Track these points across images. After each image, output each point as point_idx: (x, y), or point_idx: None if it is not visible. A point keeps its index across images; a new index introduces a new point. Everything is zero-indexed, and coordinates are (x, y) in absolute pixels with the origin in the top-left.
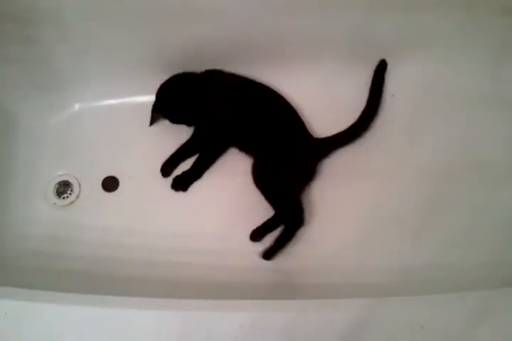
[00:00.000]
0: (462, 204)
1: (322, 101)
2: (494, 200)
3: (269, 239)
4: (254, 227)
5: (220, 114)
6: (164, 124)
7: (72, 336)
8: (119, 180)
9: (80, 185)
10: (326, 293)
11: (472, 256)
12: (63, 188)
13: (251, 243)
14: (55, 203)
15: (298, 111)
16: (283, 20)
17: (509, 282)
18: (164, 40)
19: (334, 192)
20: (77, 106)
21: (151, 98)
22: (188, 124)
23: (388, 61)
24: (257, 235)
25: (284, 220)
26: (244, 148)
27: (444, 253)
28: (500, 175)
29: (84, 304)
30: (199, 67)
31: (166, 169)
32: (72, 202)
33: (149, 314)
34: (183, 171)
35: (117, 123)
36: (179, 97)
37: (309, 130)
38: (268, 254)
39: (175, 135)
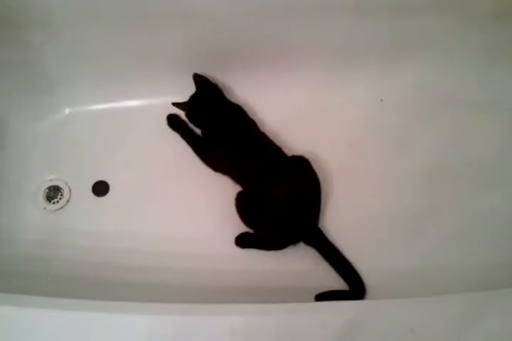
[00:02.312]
0: (455, 205)
1: (309, 107)
2: (487, 200)
3: None
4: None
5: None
6: (154, 129)
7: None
8: (110, 184)
9: (70, 190)
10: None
11: (466, 257)
12: (53, 193)
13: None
14: (45, 208)
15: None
16: (268, 27)
17: (503, 284)
18: (153, 45)
19: (328, 194)
20: (67, 111)
21: (141, 102)
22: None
23: (377, 65)
24: (240, 243)
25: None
26: None
27: (438, 254)
28: (493, 175)
29: (73, 309)
30: (189, 72)
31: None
32: (62, 207)
33: (139, 318)
34: None
35: (108, 127)
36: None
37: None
38: (240, 244)
39: (165, 141)
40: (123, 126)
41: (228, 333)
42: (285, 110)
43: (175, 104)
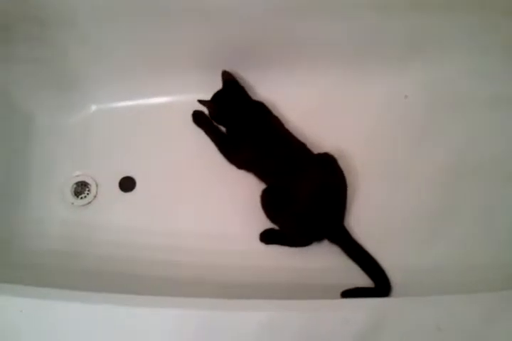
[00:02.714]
0: (473, 204)
1: (330, 104)
2: (504, 200)
3: None
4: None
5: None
6: (180, 126)
7: (86, 333)
8: (136, 180)
9: (97, 185)
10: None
11: (484, 256)
12: (81, 188)
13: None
14: (72, 203)
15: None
16: (288, 24)
17: None
18: (179, 42)
19: (352, 192)
20: (93, 107)
21: (167, 99)
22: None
23: (400, 62)
24: (265, 239)
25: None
26: None
27: (456, 253)
28: (508, 176)
29: (100, 302)
30: (214, 69)
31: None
32: (89, 202)
33: (167, 313)
34: None
35: (134, 124)
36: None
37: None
38: (265, 240)
39: (191, 137)
40: (149, 123)
41: (255, 328)
42: (307, 107)
43: (200, 102)
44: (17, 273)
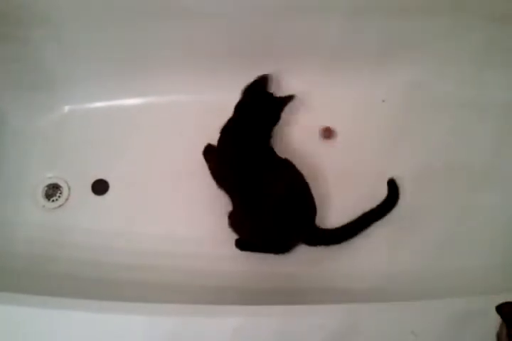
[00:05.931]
0: (449, 206)
1: (317, 103)
2: (479, 201)
3: None
4: None
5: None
6: (154, 129)
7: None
8: (109, 183)
9: (69, 188)
10: (315, 298)
11: (459, 259)
12: (52, 191)
13: None
14: (43, 206)
15: None
16: (265, 26)
17: (501, 286)
18: (156, 42)
19: (324, 195)
20: (66, 108)
21: (141, 101)
22: None
23: (378, 66)
24: (240, 246)
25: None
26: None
27: (431, 257)
28: (483, 176)
29: (71, 308)
30: (188, 71)
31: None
32: (61, 205)
33: (139, 319)
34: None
35: (107, 125)
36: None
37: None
38: (240, 247)
39: (165, 139)
40: (123, 125)
41: (228, 334)
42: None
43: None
44: None
